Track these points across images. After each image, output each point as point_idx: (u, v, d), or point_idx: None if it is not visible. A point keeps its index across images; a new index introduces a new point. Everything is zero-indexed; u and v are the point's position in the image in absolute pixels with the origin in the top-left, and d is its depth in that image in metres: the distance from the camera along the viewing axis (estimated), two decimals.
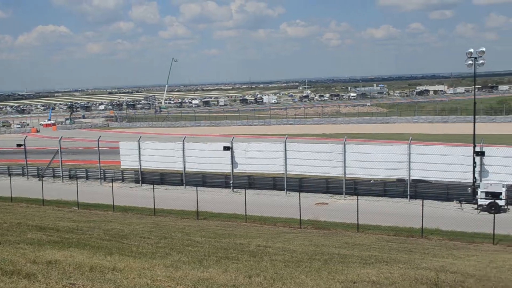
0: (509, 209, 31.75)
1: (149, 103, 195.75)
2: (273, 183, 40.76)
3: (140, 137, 47.50)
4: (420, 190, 35.45)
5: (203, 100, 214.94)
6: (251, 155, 40.40)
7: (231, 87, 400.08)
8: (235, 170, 40.94)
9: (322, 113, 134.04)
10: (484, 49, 34.21)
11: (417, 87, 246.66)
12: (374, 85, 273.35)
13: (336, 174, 37.56)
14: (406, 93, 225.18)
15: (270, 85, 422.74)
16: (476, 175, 33.52)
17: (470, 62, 34.35)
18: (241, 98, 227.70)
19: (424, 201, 27.23)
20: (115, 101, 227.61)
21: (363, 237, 25.00)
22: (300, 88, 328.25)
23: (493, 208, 30.08)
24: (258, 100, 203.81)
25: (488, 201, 31.38)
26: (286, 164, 38.75)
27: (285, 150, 38.82)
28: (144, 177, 45.27)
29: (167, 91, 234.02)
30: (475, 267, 15.03)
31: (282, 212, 31.54)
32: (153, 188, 34.38)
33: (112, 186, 36.30)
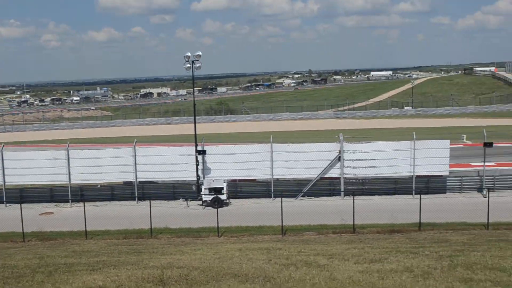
0: (230, 202, 33.87)
1: None
2: None
3: None
4: (147, 191, 35.85)
5: None
6: None
7: None
8: None
9: (43, 118, 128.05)
10: (200, 53, 35.86)
11: (141, 90, 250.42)
12: (98, 88, 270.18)
13: (61, 181, 36.02)
14: (130, 96, 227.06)
15: None
16: (200, 173, 35.08)
17: (188, 65, 35.71)
18: None
19: (152, 201, 27.45)
20: None
21: (92, 243, 24.39)
22: (18, 92, 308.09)
23: (216, 203, 31.72)
24: None
25: (212, 196, 33.02)
26: (4, 174, 35.94)
27: (2, 160, 35.99)
28: None
29: None
30: (200, 260, 15.70)
31: (2, 226, 29.13)
32: None
33: None
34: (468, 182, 35.16)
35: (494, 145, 35.64)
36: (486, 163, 34.50)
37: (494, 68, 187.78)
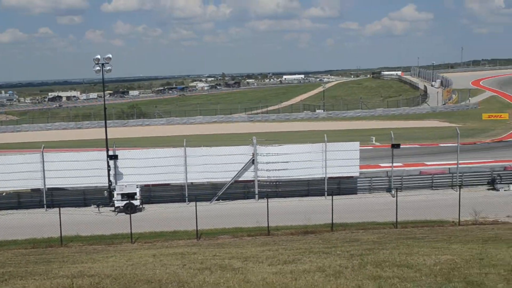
0: (144, 208, 33.39)
1: None
2: None
3: None
4: (57, 198, 34.67)
5: None
6: None
7: None
8: None
9: None
10: (110, 55, 35.14)
11: (50, 94, 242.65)
12: (3, 92, 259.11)
13: None
14: (38, 99, 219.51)
15: None
16: (112, 178, 34.35)
17: (98, 68, 34.94)
18: None
19: (62, 208, 26.66)
20: None
21: None
22: None
23: (129, 209, 31.14)
24: None
25: (124, 202, 32.43)
26: None
27: None
28: None
29: None
30: (112, 268, 15.38)
31: None
32: None
33: None
34: (378, 182, 36.38)
35: (401, 146, 37.10)
36: (394, 164, 35.80)
37: (400, 72, 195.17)
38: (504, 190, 34.83)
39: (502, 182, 35.65)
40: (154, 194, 35.54)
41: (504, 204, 29.71)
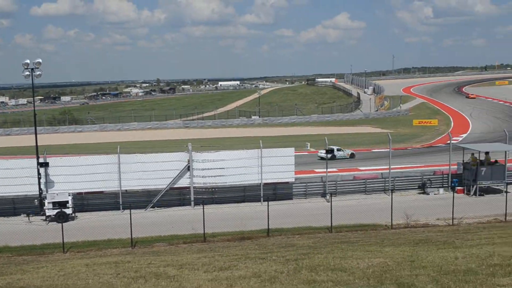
0: (77, 216, 32.54)
1: None
2: None
3: None
4: None
5: None
6: None
7: None
8: None
9: None
10: (40, 60, 34.17)
11: None
12: None
13: None
14: None
15: None
16: (42, 186, 33.35)
17: (28, 73, 33.92)
18: None
19: None
20: None
21: None
22: None
23: (61, 217, 30.35)
24: None
25: (56, 210, 31.55)
26: None
27: None
28: None
29: None
30: (43, 278, 14.95)
31: None
32: None
33: None
34: (313, 188, 36.76)
35: None
36: (329, 169, 36.32)
37: (334, 79, 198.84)
38: (434, 194, 35.94)
39: (432, 186, 36.76)
40: (87, 202, 34.69)
41: (434, 207, 30.64)
